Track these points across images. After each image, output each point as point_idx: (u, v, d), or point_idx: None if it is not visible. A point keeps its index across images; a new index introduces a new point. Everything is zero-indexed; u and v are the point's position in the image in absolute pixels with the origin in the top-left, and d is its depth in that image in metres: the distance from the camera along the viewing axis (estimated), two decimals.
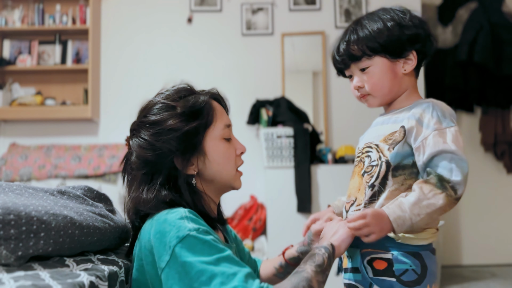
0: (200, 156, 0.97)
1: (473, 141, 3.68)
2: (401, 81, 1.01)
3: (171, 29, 3.51)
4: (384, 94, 1.02)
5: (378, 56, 0.99)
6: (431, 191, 0.89)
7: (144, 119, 0.99)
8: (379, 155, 0.98)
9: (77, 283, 0.75)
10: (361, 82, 1.02)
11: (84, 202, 1.00)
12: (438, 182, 0.89)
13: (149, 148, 0.95)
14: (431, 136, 0.92)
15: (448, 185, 0.89)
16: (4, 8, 3.46)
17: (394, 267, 0.93)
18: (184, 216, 0.87)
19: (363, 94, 1.04)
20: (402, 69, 1.00)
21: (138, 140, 0.97)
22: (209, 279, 0.79)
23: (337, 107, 3.37)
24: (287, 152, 2.88)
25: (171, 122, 0.95)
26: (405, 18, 0.98)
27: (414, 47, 0.99)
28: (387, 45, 0.97)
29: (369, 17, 1.02)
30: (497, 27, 3.41)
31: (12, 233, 0.76)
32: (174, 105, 0.97)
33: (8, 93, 3.39)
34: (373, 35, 0.98)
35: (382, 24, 0.98)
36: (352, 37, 1.00)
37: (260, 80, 3.44)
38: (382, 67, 0.99)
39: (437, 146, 0.91)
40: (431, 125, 0.93)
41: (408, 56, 0.99)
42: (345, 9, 3.45)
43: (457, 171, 0.89)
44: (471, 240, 3.60)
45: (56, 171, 3.13)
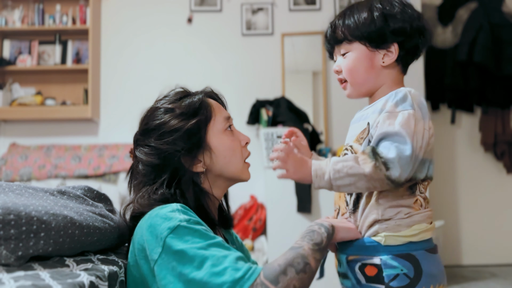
0: (206, 151, 0.98)
1: (473, 141, 3.68)
2: (379, 73, 0.98)
3: (171, 29, 3.51)
4: (358, 83, 0.99)
5: (357, 42, 0.97)
6: (363, 159, 0.85)
7: (145, 127, 1.01)
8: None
9: (77, 283, 0.75)
10: (339, 66, 1.01)
11: (84, 202, 1.00)
12: (371, 152, 0.85)
13: (155, 153, 0.97)
14: (381, 119, 0.89)
15: (380, 159, 0.84)
16: (4, 8, 3.46)
17: (383, 273, 0.88)
18: (176, 209, 0.88)
19: (341, 79, 1.02)
20: (381, 61, 0.97)
21: (143, 148, 0.99)
22: (200, 263, 0.79)
23: (337, 107, 3.37)
24: None
25: (172, 123, 0.97)
26: (394, 8, 0.97)
27: (395, 40, 0.96)
28: (366, 33, 0.96)
29: (361, 3, 1.01)
30: (497, 27, 3.41)
31: (12, 233, 0.76)
32: (172, 107, 1.00)
33: (8, 93, 3.39)
34: (357, 22, 0.97)
35: (367, 13, 0.97)
36: (338, 22, 1.01)
37: (260, 80, 3.44)
38: (359, 54, 0.98)
39: (381, 129, 0.88)
40: (386, 108, 0.90)
41: (389, 48, 0.97)
42: None
43: (394, 150, 0.84)
44: (471, 240, 3.60)
45: (56, 171, 3.13)
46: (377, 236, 0.90)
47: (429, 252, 0.91)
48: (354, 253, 0.93)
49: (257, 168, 3.40)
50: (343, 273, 0.97)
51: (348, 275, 0.94)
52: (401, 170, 0.83)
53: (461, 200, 3.64)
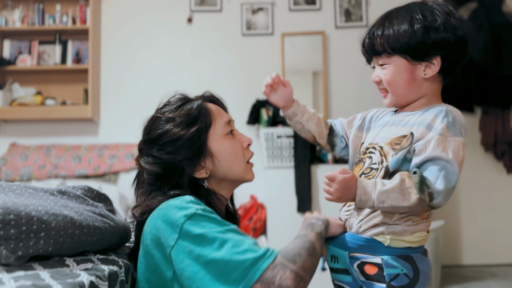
0: (208, 157, 1.00)
1: (473, 141, 3.68)
2: (420, 85, 0.97)
3: (171, 29, 3.51)
4: (399, 94, 0.98)
5: (397, 56, 0.96)
6: (409, 187, 0.86)
7: (148, 137, 1.03)
8: (382, 158, 0.95)
9: (77, 283, 0.75)
10: (378, 77, 1.00)
11: (84, 202, 1.00)
12: (419, 183, 0.86)
13: (158, 163, 0.99)
14: (433, 140, 0.88)
15: (427, 190, 0.85)
16: (4, 8, 3.46)
17: (384, 272, 0.90)
18: (190, 200, 0.90)
19: (381, 89, 1.02)
20: (423, 73, 0.96)
21: (147, 158, 1.01)
22: (220, 244, 0.82)
23: (337, 107, 3.37)
24: (287, 152, 2.88)
25: (172, 132, 0.99)
26: (437, 19, 0.93)
27: (438, 53, 0.94)
28: (407, 46, 0.94)
29: (401, 11, 0.97)
30: (497, 27, 3.41)
31: (12, 233, 0.76)
32: (173, 117, 1.01)
33: (8, 93, 3.39)
34: (397, 34, 0.94)
35: (408, 25, 0.94)
36: (377, 32, 0.98)
37: (260, 80, 3.39)
38: (400, 67, 0.96)
39: (434, 152, 0.87)
40: (438, 129, 0.89)
41: (431, 61, 0.95)
42: (345, 9, 3.45)
43: (442, 180, 0.85)
44: (471, 240, 3.60)
45: (56, 171, 3.13)
46: (380, 236, 0.92)
47: (423, 255, 0.95)
48: (357, 250, 0.95)
49: (257, 168, 3.38)
50: (341, 269, 0.98)
51: (350, 271, 0.96)
52: (444, 199, 0.86)
53: (461, 200, 3.64)
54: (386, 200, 0.87)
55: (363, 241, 0.94)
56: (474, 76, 3.44)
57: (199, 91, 1.14)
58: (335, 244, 0.99)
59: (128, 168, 3.07)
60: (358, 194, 0.89)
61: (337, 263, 0.99)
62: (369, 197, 0.88)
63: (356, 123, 1.13)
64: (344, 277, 0.98)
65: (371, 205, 0.89)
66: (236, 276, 0.80)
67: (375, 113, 1.11)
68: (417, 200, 0.85)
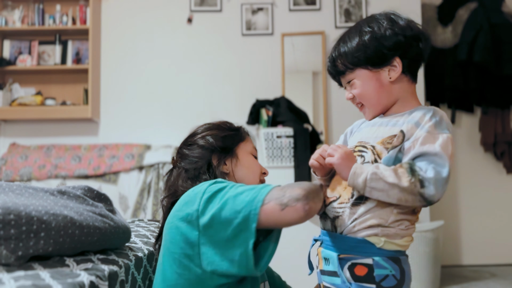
0: (233, 159, 1.17)
1: (473, 141, 3.68)
2: (390, 89, 1.00)
3: (171, 29, 3.51)
4: (373, 104, 1.02)
5: (359, 68, 1.01)
6: (401, 172, 0.89)
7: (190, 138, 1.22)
8: (375, 157, 0.96)
9: (77, 283, 0.75)
10: (351, 94, 1.04)
11: (84, 202, 1.00)
12: (409, 168, 0.89)
13: (194, 155, 1.16)
14: (421, 138, 0.91)
15: (417, 176, 0.88)
16: (4, 8, 3.46)
17: (374, 273, 0.91)
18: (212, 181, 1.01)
19: (357, 103, 1.06)
20: (388, 77, 0.99)
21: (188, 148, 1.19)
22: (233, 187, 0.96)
23: (337, 107, 3.37)
24: (287, 152, 2.88)
25: (215, 130, 1.20)
26: (382, 26, 0.99)
27: (394, 54, 0.98)
28: (363, 57, 0.99)
29: (352, 30, 1.04)
30: (497, 27, 3.41)
31: (12, 233, 0.76)
32: (219, 124, 1.23)
33: (8, 93, 3.39)
34: (352, 50, 1.00)
35: (359, 39, 1.00)
36: (334, 54, 1.04)
37: (260, 80, 3.44)
38: (365, 78, 1.00)
39: (421, 148, 0.90)
40: (425, 127, 0.93)
41: (391, 64, 0.99)
42: (345, 9, 3.45)
43: (432, 170, 0.88)
44: (471, 240, 3.60)
45: (56, 171, 3.13)
46: (373, 237, 0.93)
47: (406, 257, 0.97)
48: (347, 252, 0.95)
49: None
50: (331, 271, 0.98)
51: (339, 273, 0.95)
52: (436, 190, 0.87)
53: (461, 200, 3.65)
54: (380, 174, 0.89)
55: (355, 242, 0.94)
56: (474, 76, 3.45)
57: (199, 91, 1.17)
58: (327, 246, 0.99)
59: (128, 168, 3.07)
60: (354, 167, 0.92)
61: (329, 265, 0.98)
62: (363, 170, 0.91)
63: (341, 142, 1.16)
64: (333, 279, 0.97)
65: (364, 179, 0.90)
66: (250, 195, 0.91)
67: (355, 124, 1.15)
68: (409, 182, 0.87)
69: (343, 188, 0.99)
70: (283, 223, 0.90)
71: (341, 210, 0.97)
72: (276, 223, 0.90)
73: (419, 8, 3.37)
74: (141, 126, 3.41)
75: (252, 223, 0.88)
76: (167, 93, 3.44)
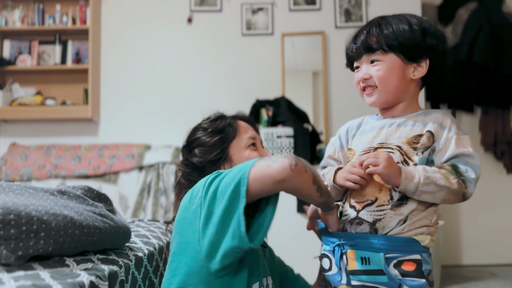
0: (227, 162, 1.18)
1: (473, 141, 3.64)
2: (408, 85, 1.03)
3: (171, 29, 3.51)
4: (390, 91, 1.02)
5: (392, 53, 1.01)
6: (447, 173, 0.93)
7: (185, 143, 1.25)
8: (404, 158, 0.99)
9: (77, 283, 0.75)
10: (368, 74, 1.03)
11: (84, 202, 1.00)
12: (453, 170, 0.94)
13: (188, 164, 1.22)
14: (453, 140, 0.96)
15: (461, 177, 0.93)
16: (4, 8, 3.46)
17: (423, 268, 0.95)
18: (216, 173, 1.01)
19: (368, 85, 1.04)
20: (412, 74, 1.02)
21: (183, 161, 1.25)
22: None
23: (337, 107, 3.37)
24: (287, 152, 2.88)
25: (201, 139, 1.21)
26: (431, 27, 1.01)
27: (429, 56, 1.01)
28: (406, 45, 1.00)
29: (396, 16, 1.04)
30: (497, 27, 3.41)
31: (12, 233, 0.76)
32: (206, 127, 1.23)
33: (8, 93, 3.39)
34: (396, 33, 1.00)
35: (408, 26, 1.00)
36: (374, 30, 1.02)
37: (260, 80, 3.44)
38: (393, 64, 1.01)
39: (457, 150, 0.95)
40: (452, 129, 0.98)
41: (420, 63, 1.01)
42: (345, 9, 3.45)
43: (471, 171, 0.94)
44: (471, 240, 3.60)
45: (56, 171, 3.13)
46: (420, 236, 0.96)
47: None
48: (394, 251, 0.96)
49: None
50: (372, 270, 0.98)
51: (386, 271, 0.96)
52: (473, 189, 0.94)
53: None
54: (431, 178, 0.92)
55: (403, 241, 0.96)
56: (474, 76, 3.44)
57: (199, 91, 1.18)
58: (364, 247, 0.99)
59: (128, 168, 3.07)
60: (404, 171, 0.92)
61: (369, 264, 0.98)
62: (413, 174, 0.92)
63: (334, 148, 1.15)
64: (378, 278, 0.97)
65: (417, 182, 0.92)
66: (242, 165, 0.93)
67: (348, 126, 1.14)
68: (457, 184, 0.92)
69: (377, 191, 0.99)
70: (270, 178, 0.89)
71: (382, 212, 0.98)
72: (264, 181, 0.90)
73: (419, 8, 3.37)
74: (141, 126, 3.40)
75: (242, 186, 0.89)
76: (167, 93, 3.44)
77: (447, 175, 0.93)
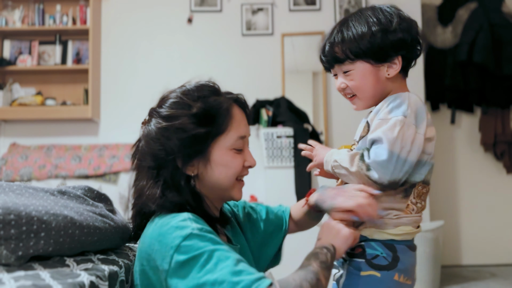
0: (203, 160, 0.94)
1: (473, 141, 3.68)
2: (385, 84, 1.00)
3: (171, 29, 3.51)
4: (367, 97, 1.02)
5: (360, 61, 0.98)
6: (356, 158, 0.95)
7: (158, 109, 0.97)
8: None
9: (77, 283, 0.75)
10: (344, 84, 1.02)
11: (84, 202, 1.00)
12: (361, 154, 0.94)
13: (155, 141, 0.93)
14: (373, 126, 0.96)
15: (364, 161, 0.93)
16: (4, 8, 3.46)
17: (366, 252, 0.97)
18: (187, 218, 0.86)
19: (348, 94, 1.05)
20: (386, 73, 0.99)
21: (149, 127, 0.97)
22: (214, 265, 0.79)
23: (337, 107, 3.37)
24: (287, 152, 2.88)
25: (182, 121, 0.92)
26: (392, 22, 0.96)
27: (399, 53, 0.97)
28: (369, 50, 0.96)
29: (356, 17, 1.00)
30: (497, 27, 3.41)
31: (13, 233, 0.76)
32: (190, 104, 0.93)
33: (8, 93, 3.39)
34: (356, 39, 0.97)
35: (366, 28, 0.96)
36: (336, 39, 1.00)
37: (260, 80, 3.44)
38: (364, 71, 0.99)
39: (371, 135, 0.94)
40: (380, 114, 0.96)
41: (392, 61, 0.98)
42: (345, 9, 3.45)
43: (373, 154, 0.92)
44: (471, 240, 3.60)
45: (56, 171, 3.13)
46: (365, 230, 0.98)
47: (409, 248, 0.99)
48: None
49: (257, 168, 3.39)
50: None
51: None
52: (379, 173, 0.91)
53: (461, 200, 3.64)
54: (338, 161, 0.98)
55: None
56: (474, 76, 3.45)
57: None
58: None
59: (128, 168, 3.07)
60: (327, 155, 1.03)
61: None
62: (332, 157, 1.01)
63: None
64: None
65: (331, 165, 1.00)
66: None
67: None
68: (356, 167, 0.94)
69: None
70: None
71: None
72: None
73: (419, 8, 3.37)
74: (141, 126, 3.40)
75: None
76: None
77: (353, 158, 0.95)
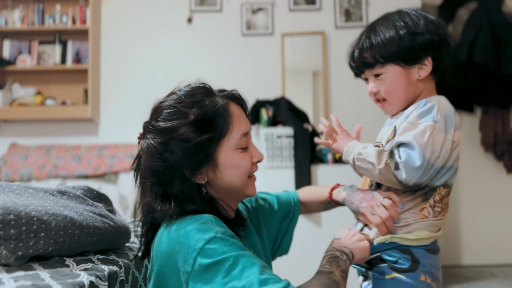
0: (211, 166, 0.90)
1: (473, 141, 3.68)
2: (416, 86, 1.01)
3: (171, 29, 3.51)
4: (399, 101, 1.02)
5: (391, 64, 0.99)
6: (384, 155, 0.94)
7: (154, 123, 0.92)
8: None
9: (77, 283, 0.75)
10: (376, 88, 1.03)
11: (84, 202, 1.00)
12: (389, 152, 0.94)
13: (157, 157, 0.88)
14: (400, 129, 0.96)
15: (394, 159, 0.92)
16: (4, 8, 3.46)
17: (385, 259, 0.99)
18: (209, 220, 0.84)
19: (378, 98, 1.05)
20: (417, 75, 1.00)
21: (148, 143, 0.91)
22: (240, 271, 0.77)
23: (337, 107, 3.37)
24: (287, 152, 2.88)
25: (182, 131, 0.87)
26: (419, 24, 0.98)
27: (428, 54, 0.98)
28: (399, 53, 0.98)
29: (383, 22, 1.01)
30: (497, 27, 3.41)
31: (12, 233, 0.76)
32: (186, 112, 0.88)
33: (8, 93, 3.39)
34: (385, 43, 0.98)
35: (394, 32, 0.98)
36: (365, 44, 1.02)
37: (260, 80, 3.44)
38: (395, 74, 1.00)
39: (399, 138, 0.94)
40: (409, 118, 0.96)
41: (423, 62, 0.99)
42: (345, 9, 3.45)
43: (404, 156, 0.92)
44: (471, 240, 3.60)
45: (56, 171, 3.13)
46: (382, 238, 0.99)
47: (429, 252, 0.99)
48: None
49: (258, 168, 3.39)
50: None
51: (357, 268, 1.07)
52: (407, 175, 0.91)
53: (461, 200, 3.64)
54: (364, 154, 0.97)
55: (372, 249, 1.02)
56: (474, 76, 3.44)
57: None
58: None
59: (128, 168, 3.07)
60: (348, 145, 1.03)
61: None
62: (354, 148, 1.00)
63: None
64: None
65: (353, 156, 0.99)
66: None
67: None
68: (384, 164, 0.93)
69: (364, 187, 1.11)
70: None
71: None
72: None
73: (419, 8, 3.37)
74: (141, 126, 3.40)
75: None
76: (167, 93, 3.44)
77: (381, 155, 0.94)
